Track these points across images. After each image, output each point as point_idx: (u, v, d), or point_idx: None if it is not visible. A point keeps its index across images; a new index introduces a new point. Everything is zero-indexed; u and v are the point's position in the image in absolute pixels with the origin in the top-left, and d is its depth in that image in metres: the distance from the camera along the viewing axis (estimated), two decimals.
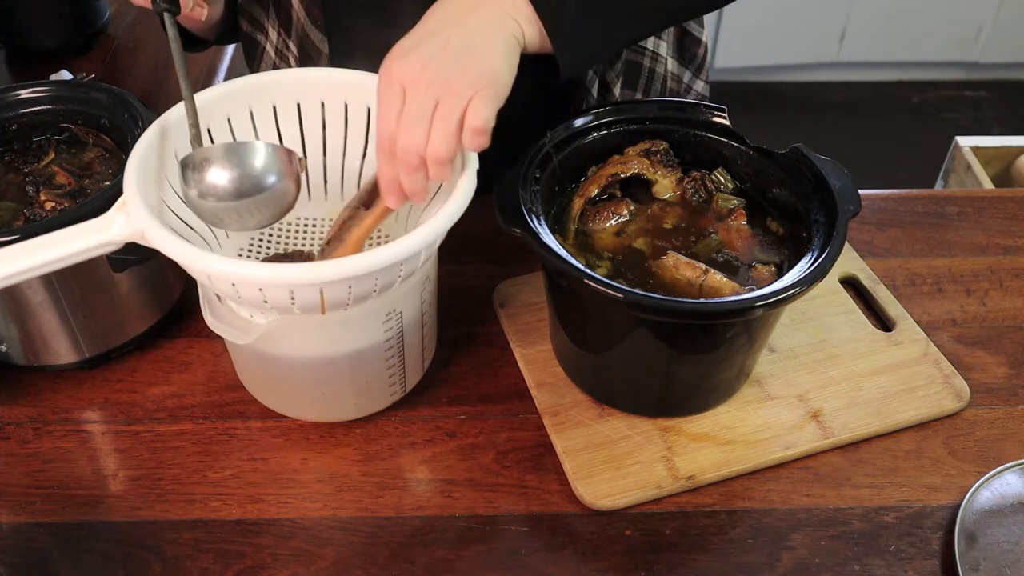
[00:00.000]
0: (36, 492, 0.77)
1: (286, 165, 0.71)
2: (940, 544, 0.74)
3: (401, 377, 0.80)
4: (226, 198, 0.69)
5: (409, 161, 0.66)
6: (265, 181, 0.70)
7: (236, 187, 0.69)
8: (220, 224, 0.72)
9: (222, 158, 0.69)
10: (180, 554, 0.73)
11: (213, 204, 0.69)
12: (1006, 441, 0.81)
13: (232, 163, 0.69)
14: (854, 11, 2.62)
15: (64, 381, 0.85)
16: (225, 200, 0.69)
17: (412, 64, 0.65)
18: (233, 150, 0.70)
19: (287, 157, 0.71)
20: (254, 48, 1.03)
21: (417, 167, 0.66)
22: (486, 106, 0.65)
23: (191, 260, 0.64)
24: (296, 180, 0.72)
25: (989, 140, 1.84)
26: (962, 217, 1.03)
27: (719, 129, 0.83)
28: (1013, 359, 0.88)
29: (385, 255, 0.64)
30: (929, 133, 2.66)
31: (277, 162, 0.71)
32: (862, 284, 0.93)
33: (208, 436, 0.81)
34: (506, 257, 0.95)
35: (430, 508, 0.76)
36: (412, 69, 0.65)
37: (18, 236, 0.72)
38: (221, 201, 0.69)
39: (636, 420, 0.81)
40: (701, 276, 0.76)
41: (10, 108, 0.87)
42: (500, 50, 0.68)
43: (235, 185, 0.69)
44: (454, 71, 0.65)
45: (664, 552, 0.74)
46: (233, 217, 0.70)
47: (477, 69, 0.66)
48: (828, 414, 0.81)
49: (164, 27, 0.75)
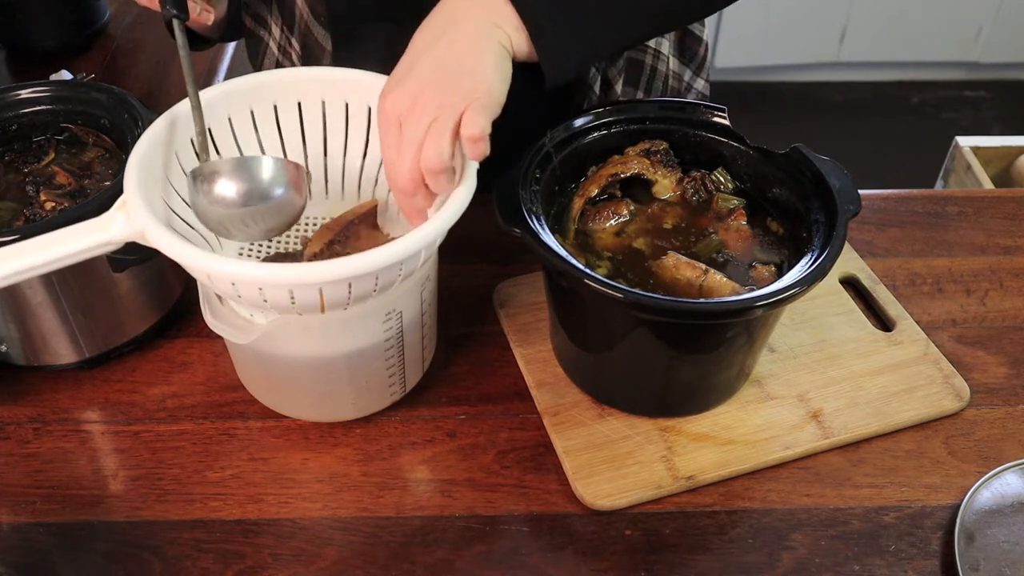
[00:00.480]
0: (36, 492, 0.77)
1: (293, 177, 0.72)
2: (940, 544, 0.74)
3: (401, 377, 0.80)
4: (233, 207, 0.70)
5: (404, 187, 0.67)
6: (272, 192, 0.71)
7: (244, 198, 0.70)
8: (227, 234, 0.73)
9: (231, 171, 0.70)
10: (180, 554, 0.73)
11: (221, 211, 0.70)
12: (1006, 441, 0.81)
13: (240, 175, 0.70)
14: (854, 11, 2.62)
15: (64, 381, 0.85)
16: (232, 208, 0.70)
17: (404, 96, 0.66)
18: (242, 164, 0.71)
19: (295, 170, 0.72)
20: (257, 45, 1.03)
21: (413, 191, 0.67)
22: (479, 115, 0.65)
23: (191, 260, 0.64)
24: (302, 192, 0.73)
25: (989, 140, 1.84)
26: (962, 217, 1.03)
27: (719, 129, 0.83)
28: (1013, 359, 0.88)
29: (385, 255, 0.64)
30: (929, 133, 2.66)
31: (284, 174, 0.72)
32: (862, 284, 0.93)
33: (208, 436, 0.81)
34: (506, 257, 0.95)
35: (430, 508, 0.76)
36: (405, 101, 0.66)
37: (18, 236, 0.72)
38: (228, 209, 0.70)
39: (636, 420, 0.81)
40: (701, 276, 0.76)
41: (10, 108, 0.87)
42: (490, 62, 0.68)
43: (242, 196, 0.70)
44: (446, 91, 0.66)
45: (664, 552, 0.74)
46: (239, 226, 0.71)
47: (469, 84, 0.66)
48: (828, 414, 0.81)
49: (172, 33, 0.75)
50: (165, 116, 0.75)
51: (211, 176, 0.70)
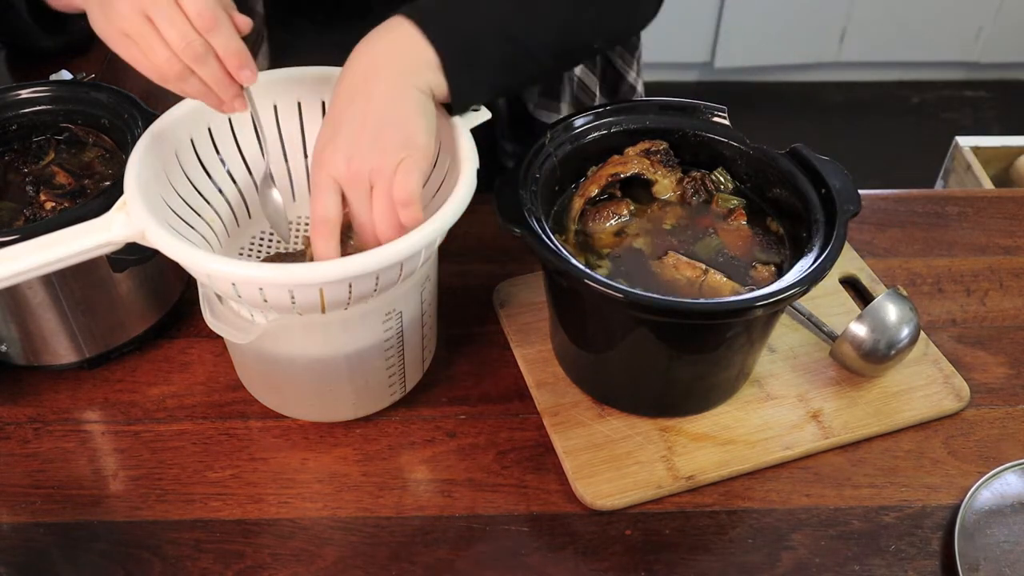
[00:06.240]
0: (36, 492, 0.77)
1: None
2: (940, 544, 0.74)
3: (401, 377, 0.80)
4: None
5: (368, 241, 0.69)
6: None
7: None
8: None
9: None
10: (180, 554, 0.73)
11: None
12: (1006, 441, 0.81)
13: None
14: (854, 11, 2.62)
15: (64, 381, 0.85)
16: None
17: (338, 159, 0.67)
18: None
19: None
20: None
21: (375, 242, 0.68)
22: (409, 178, 0.66)
23: (191, 260, 0.64)
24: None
25: (989, 140, 1.84)
26: (962, 217, 1.03)
27: (719, 129, 0.83)
28: (1013, 359, 0.88)
29: (385, 255, 0.64)
30: (929, 133, 2.66)
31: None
32: (862, 284, 0.93)
33: (208, 436, 0.81)
34: (506, 257, 0.95)
35: (430, 508, 0.76)
36: (339, 165, 0.67)
37: (18, 236, 0.72)
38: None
39: (636, 420, 0.81)
40: (701, 276, 0.76)
41: (10, 108, 0.87)
42: (412, 112, 0.68)
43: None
44: (375, 152, 0.67)
45: (664, 552, 0.74)
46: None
47: (395, 140, 0.67)
48: (828, 414, 0.81)
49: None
50: (165, 116, 0.75)
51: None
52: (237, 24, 0.67)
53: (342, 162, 0.67)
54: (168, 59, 0.65)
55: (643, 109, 0.85)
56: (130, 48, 0.66)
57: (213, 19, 0.64)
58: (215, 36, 0.65)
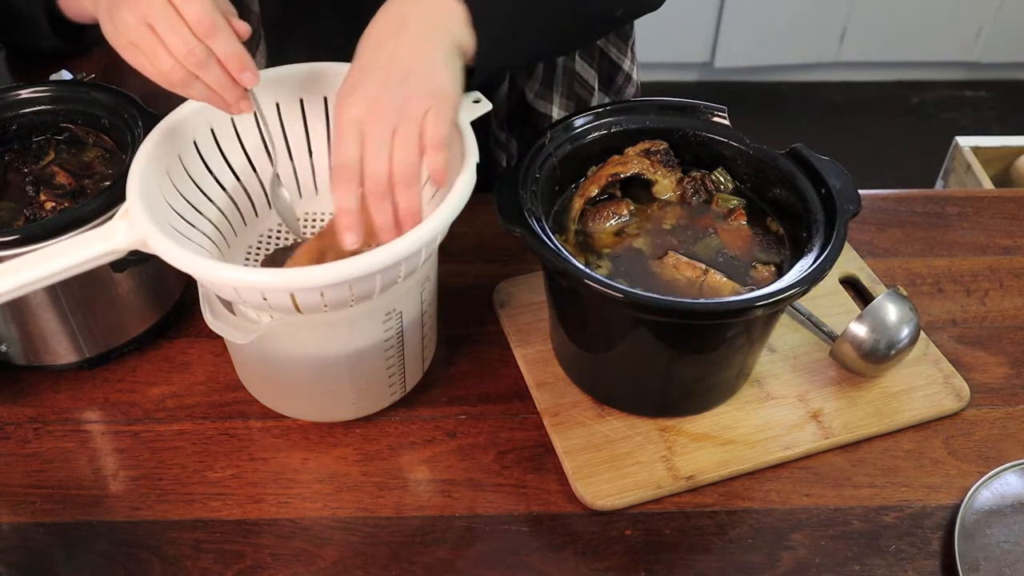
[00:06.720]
0: (36, 492, 0.77)
1: None
2: (940, 544, 0.74)
3: (401, 377, 0.80)
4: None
5: (377, 190, 0.67)
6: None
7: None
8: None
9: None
10: (180, 554, 0.73)
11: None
12: (1006, 441, 0.81)
13: None
14: (854, 11, 2.62)
15: (64, 381, 0.85)
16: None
17: (361, 101, 0.67)
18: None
19: None
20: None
21: (384, 195, 0.67)
22: (440, 122, 0.66)
23: (194, 268, 0.65)
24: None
25: (989, 140, 1.84)
26: (962, 217, 1.03)
27: (719, 129, 0.83)
28: (1013, 359, 0.88)
29: (385, 255, 0.64)
30: (929, 133, 2.66)
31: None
32: (862, 284, 0.93)
33: (208, 436, 0.81)
34: (506, 257, 0.95)
35: (430, 508, 0.76)
36: (363, 106, 0.67)
37: (18, 236, 0.72)
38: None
39: (636, 420, 0.81)
40: (701, 276, 0.76)
41: (10, 108, 0.87)
42: (441, 64, 0.68)
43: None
44: (404, 96, 0.66)
45: (664, 552, 0.74)
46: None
47: (424, 88, 0.67)
48: (828, 414, 0.81)
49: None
50: (166, 120, 0.75)
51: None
52: (236, 30, 0.68)
53: (366, 100, 0.66)
54: (172, 66, 0.66)
55: (643, 109, 0.85)
56: (137, 56, 0.68)
57: (212, 25, 0.65)
58: (215, 41, 0.66)
